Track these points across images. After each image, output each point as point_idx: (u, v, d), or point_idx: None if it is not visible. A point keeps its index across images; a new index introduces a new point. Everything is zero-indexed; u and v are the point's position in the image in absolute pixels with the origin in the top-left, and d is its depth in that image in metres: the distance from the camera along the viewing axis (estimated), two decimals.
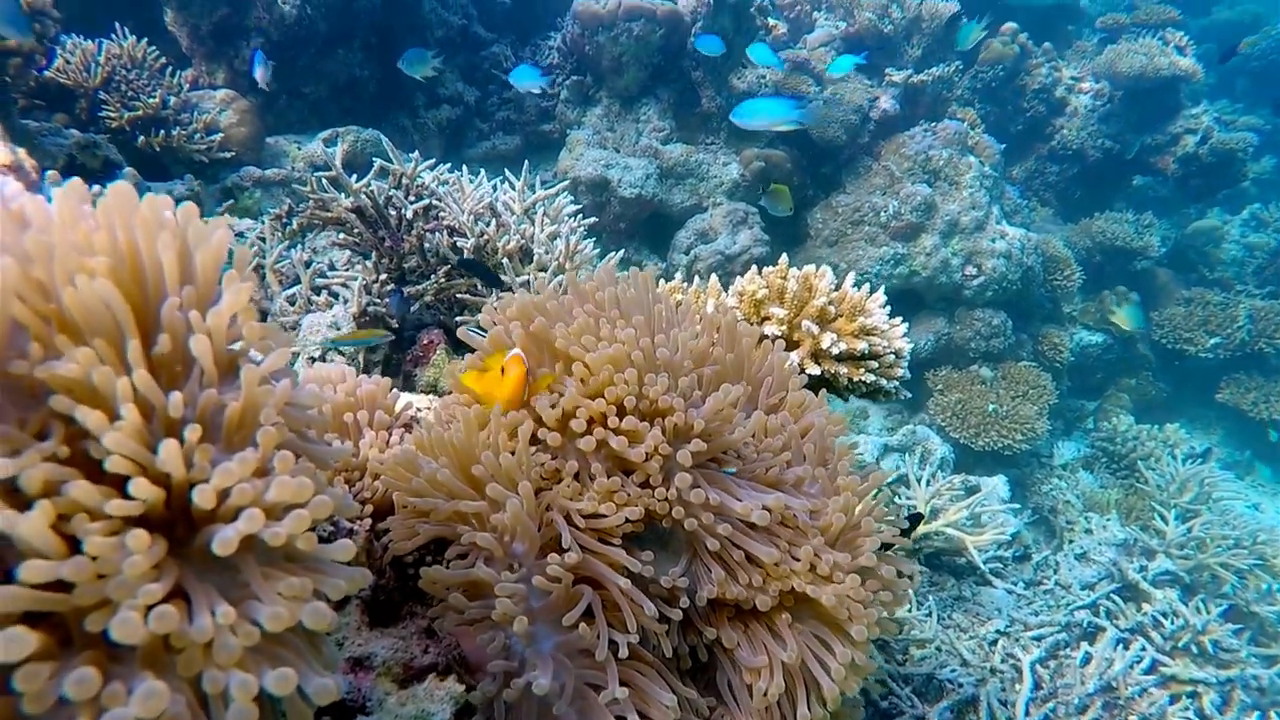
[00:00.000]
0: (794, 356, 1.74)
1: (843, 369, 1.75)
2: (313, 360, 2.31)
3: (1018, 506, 4.81)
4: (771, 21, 6.36)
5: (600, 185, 5.34)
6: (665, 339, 1.20)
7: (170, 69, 4.34)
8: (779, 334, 1.78)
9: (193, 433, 0.64)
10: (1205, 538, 4.40)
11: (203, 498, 0.63)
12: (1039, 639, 3.77)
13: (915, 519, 3.39)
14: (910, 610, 3.69)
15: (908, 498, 4.54)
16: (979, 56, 7.34)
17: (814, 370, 1.71)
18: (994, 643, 3.72)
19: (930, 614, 3.98)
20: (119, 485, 0.62)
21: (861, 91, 6.05)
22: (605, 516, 1.00)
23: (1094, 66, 7.51)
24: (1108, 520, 5.24)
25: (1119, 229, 7.02)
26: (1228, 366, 6.78)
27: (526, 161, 3.32)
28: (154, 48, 4.30)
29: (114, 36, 4.21)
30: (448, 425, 1.12)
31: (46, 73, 3.89)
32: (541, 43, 6.15)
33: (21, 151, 2.09)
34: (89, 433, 0.61)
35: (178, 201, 2.82)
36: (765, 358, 1.35)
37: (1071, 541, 5.07)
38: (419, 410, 1.33)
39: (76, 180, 0.74)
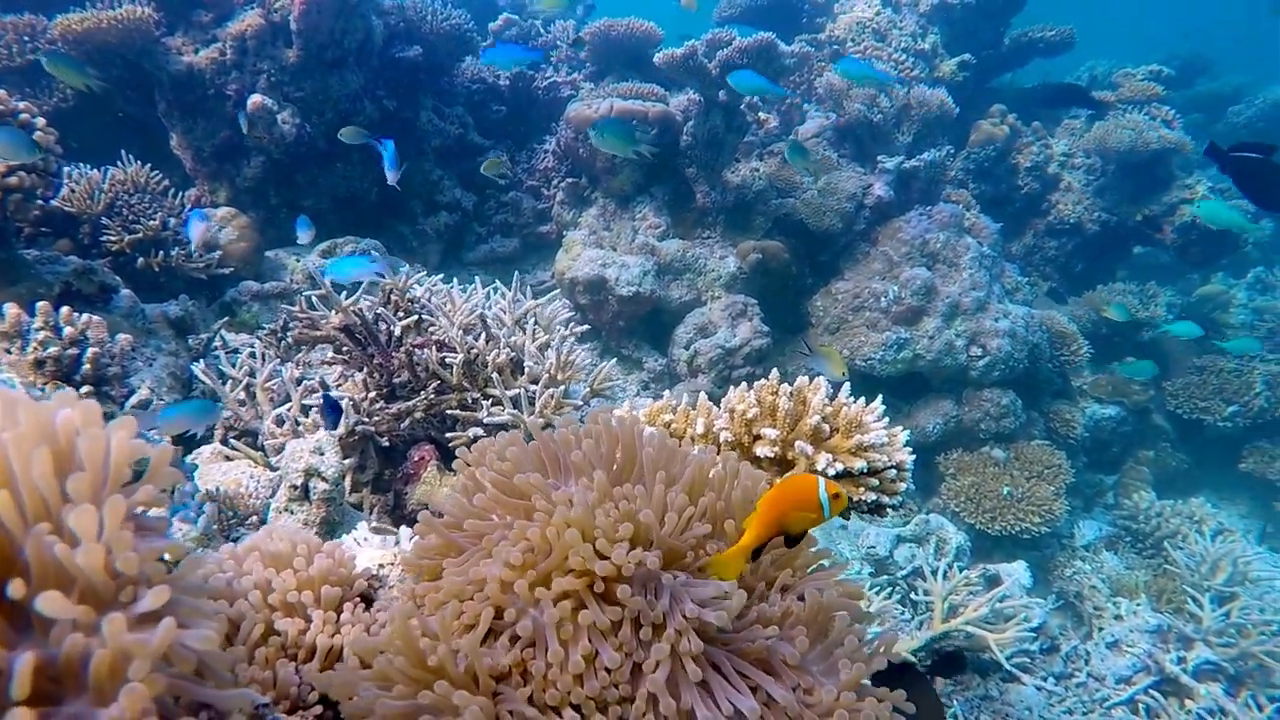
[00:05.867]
0: None
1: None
2: (294, 488, 2.25)
3: (1041, 600, 4.62)
4: (763, 115, 6.50)
5: (598, 285, 5.37)
6: (644, 493, 1.13)
7: (173, 190, 4.43)
8: (772, 455, 1.71)
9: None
10: (1246, 624, 4.19)
11: None
12: None
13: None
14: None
15: (924, 591, 4.37)
16: (970, 138, 7.46)
17: None
18: None
19: (956, 718, 3.78)
20: None
21: (855, 179, 6.13)
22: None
23: (1084, 143, 7.62)
24: (1138, 605, 5.03)
25: (1123, 300, 6.98)
26: (1248, 435, 6.62)
27: (517, 273, 3.33)
28: (157, 172, 4.40)
29: (120, 163, 4.33)
30: (421, 604, 1.04)
31: (53, 202, 3.97)
32: (537, 147, 6.29)
33: None
34: None
35: (173, 321, 2.74)
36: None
37: (1101, 629, 4.85)
38: (381, 567, 1.26)
39: None
